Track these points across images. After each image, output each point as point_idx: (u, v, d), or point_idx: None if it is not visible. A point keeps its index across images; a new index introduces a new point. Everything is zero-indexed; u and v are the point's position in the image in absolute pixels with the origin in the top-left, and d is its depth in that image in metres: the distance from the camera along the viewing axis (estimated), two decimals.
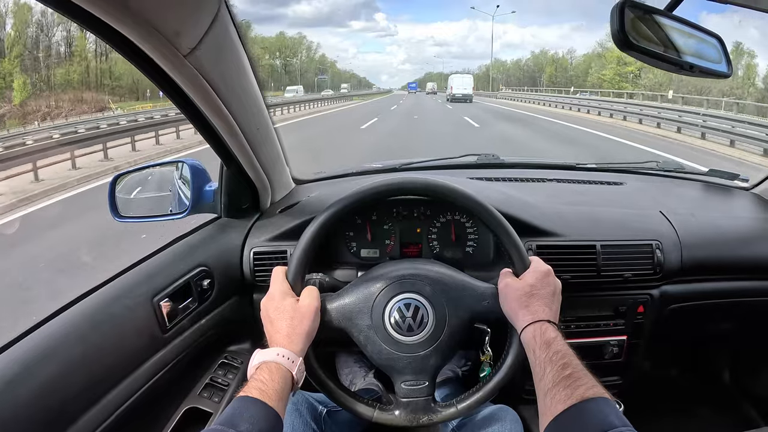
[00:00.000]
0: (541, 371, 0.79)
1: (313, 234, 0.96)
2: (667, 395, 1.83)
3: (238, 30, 0.90)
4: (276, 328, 0.88)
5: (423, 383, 0.96)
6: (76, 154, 9.55)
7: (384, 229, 1.32)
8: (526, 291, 0.90)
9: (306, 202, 1.36)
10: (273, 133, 1.22)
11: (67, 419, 0.83)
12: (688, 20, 0.89)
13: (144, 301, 1.02)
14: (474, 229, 1.31)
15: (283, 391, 0.80)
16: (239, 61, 0.95)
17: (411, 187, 1.01)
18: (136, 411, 0.96)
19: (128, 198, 1.29)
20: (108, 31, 0.71)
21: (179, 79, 0.85)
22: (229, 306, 1.25)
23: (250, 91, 1.03)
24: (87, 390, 0.87)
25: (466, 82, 44.71)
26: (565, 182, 1.62)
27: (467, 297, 0.97)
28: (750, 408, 1.77)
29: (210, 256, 1.20)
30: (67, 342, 0.87)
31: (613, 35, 0.80)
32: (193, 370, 1.21)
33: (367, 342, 0.95)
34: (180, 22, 0.76)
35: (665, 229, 1.33)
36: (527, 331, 0.86)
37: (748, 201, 1.60)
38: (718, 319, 1.59)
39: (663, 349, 1.77)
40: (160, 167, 1.39)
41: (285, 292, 0.92)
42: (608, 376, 1.40)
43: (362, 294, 0.96)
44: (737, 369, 1.86)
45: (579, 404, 0.70)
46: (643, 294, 1.33)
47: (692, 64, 0.88)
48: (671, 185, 1.70)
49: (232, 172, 1.21)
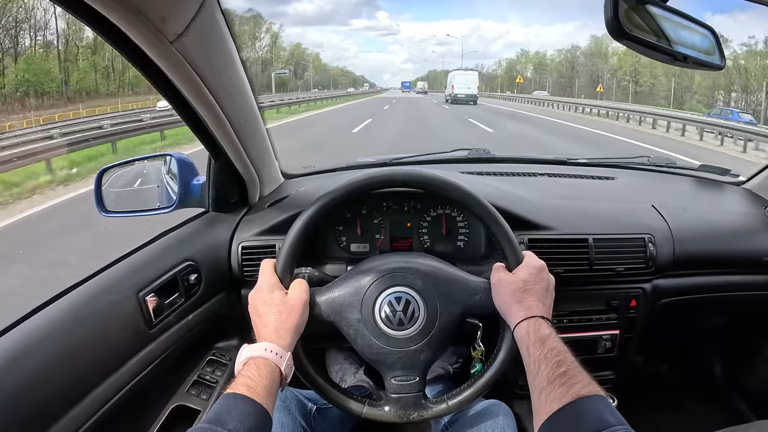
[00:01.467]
0: (536, 368, 0.78)
1: (303, 225, 0.94)
2: (660, 389, 1.84)
3: (226, 18, 0.88)
4: (264, 322, 0.87)
5: (413, 379, 0.95)
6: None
7: (374, 223, 1.31)
8: (520, 286, 0.89)
9: (295, 196, 1.34)
10: (262, 126, 1.20)
11: (51, 415, 0.81)
12: (682, 11, 0.88)
13: (129, 295, 1.00)
14: (465, 222, 1.30)
15: (271, 387, 0.79)
16: (227, 50, 0.93)
17: (403, 179, 1.00)
18: (123, 408, 0.94)
19: (115, 192, 1.26)
20: (94, 16, 0.69)
21: (165, 67, 0.83)
22: (216, 301, 1.23)
23: (238, 82, 1.01)
24: (72, 386, 0.85)
25: (470, 79, 37.72)
26: (557, 177, 1.62)
27: (459, 291, 0.96)
28: (741, 402, 1.78)
29: (197, 250, 1.18)
30: (52, 337, 0.85)
31: (606, 24, 0.80)
32: (181, 366, 1.19)
33: (356, 336, 0.94)
34: (166, 6, 0.74)
35: (657, 223, 1.33)
36: (521, 326, 0.85)
37: (739, 196, 1.60)
38: (710, 312, 1.59)
39: (655, 343, 1.77)
40: (148, 161, 1.37)
41: (273, 284, 0.90)
42: (601, 371, 1.40)
43: (352, 287, 0.95)
44: (729, 363, 1.87)
45: (574, 402, 0.70)
46: (635, 288, 1.33)
47: (685, 55, 0.88)
48: (663, 180, 1.71)
49: (220, 165, 1.19)
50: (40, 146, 9.10)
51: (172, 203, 1.22)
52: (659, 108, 22.99)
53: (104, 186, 1.23)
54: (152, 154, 1.38)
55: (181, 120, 1.02)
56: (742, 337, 1.80)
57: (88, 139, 10.54)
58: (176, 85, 0.88)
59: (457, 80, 37.52)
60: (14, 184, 7.89)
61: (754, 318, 1.65)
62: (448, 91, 39.33)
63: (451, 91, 37.39)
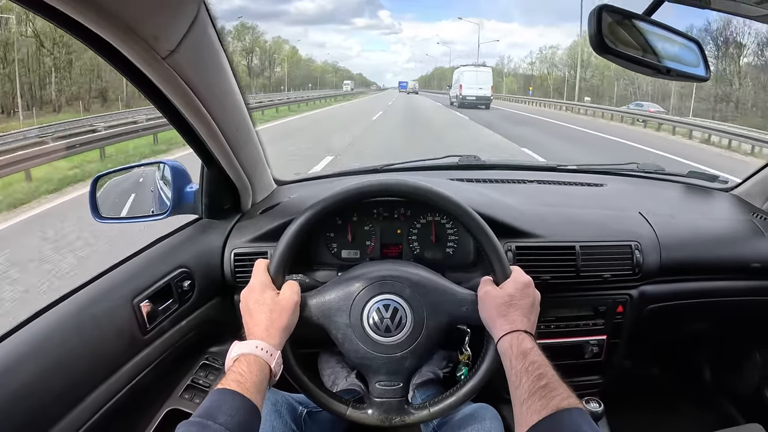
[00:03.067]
0: (517, 381, 0.80)
1: (296, 230, 0.96)
2: (648, 394, 1.86)
3: (218, 32, 0.89)
4: (255, 321, 0.88)
5: (397, 384, 0.97)
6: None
7: (365, 230, 1.32)
8: (506, 300, 0.91)
9: (287, 203, 1.36)
10: (254, 134, 1.21)
11: (47, 421, 0.82)
12: (667, 25, 0.90)
13: (124, 302, 1.02)
14: (454, 230, 1.32)
15: (261, 383, 0.81)
16: (218, 63, 0.95)
17: (396, 189, 1.01)
18: (117, 413, 0.96)
19: (110, 199, 1.28)
20: (85, 33, 0.70)
21: (158, 81, 0.84)
22: (210, 307, 1.24)
23: (229, 93, 1.03)
24: (68, 392, 0.87)
25: (482, 78, 29.68)
26: (545, 183, 1.63)
27: (446, 302, 0.98)
28: (730, 405, 1.80)
29: (191, 257, 1.20)
30: (48, 343, 0.87)
31: (590, 39, 0.81)
32: (175, 371, 1.21)
33: (344, 340, 0.96)
34: (159, 25, 0.75)
35: (644, 230, 1.35)
36: (504, 340, 0.87)
37: (727, 202, 1.62)
38: (697, 318, 1.61)
39: (643, 348, 1.79)
40: (142, 168, 1.38)
41: (266, 284, 0.92)
42: (589, 376, 1.42)
43: (342, 292, 0.97)
44: (717, 367, 1.88)
45: (554, 414, 0.72)
46: (622, 294, 1.34)
47: (669, 68, 0.89)
48: (651, 187, 1.72)
49: (213, 173, 1.20)
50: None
51: (166, 210, 1.24)
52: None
53: (99, 193, 1.25)
54: (146, 162, 1.39)
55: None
56: (730, 341, 1.81)
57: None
58: (168, 98, 0.90)
59: (466, 78, 29.49)
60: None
61: (742, 323, 1.66)
62: (454, 91, 31.52)
63: (459, 92, 29.59)
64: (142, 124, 12.65)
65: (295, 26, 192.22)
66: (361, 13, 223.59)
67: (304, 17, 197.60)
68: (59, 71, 35.45)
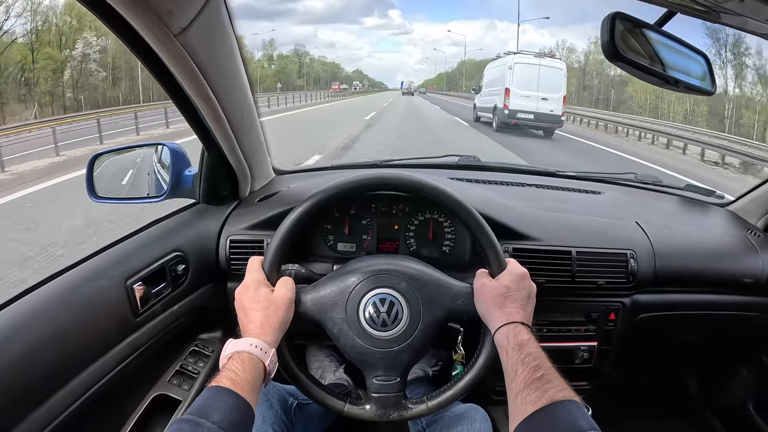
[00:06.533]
0: (513, 372, 0.80)
1: (292, 223, 0.95)
2: (635, 402, 1.87)
3: (230, 14, 0.89)
4: (249, 318, 0.87)
5: (394, 379, 0.96)
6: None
7: (362, 223, 1.32)
8: (502, 292, 0.91)
9: (285, 193, 1.35)
10: (257, 122, 1.21)
11: (33, 400, 0.81)
12: (677, 36, 0.90)
13: (117, 283, 1.01)
14: (452, 228, 1.32)
15: (255, 381, 0.80)
16: (229, 46, 0.94)
17: (395, 183, 1.01)
18: (105, 395, 0.95)
19: (106, 178, 1.26)
20: (100, 5, 0.70)
21: (167, 59, 0.84)
22: (202, 293, 1.23)
23: (237, 77, 1.02)
24: (55, 371, 0.86)
25: (551, 79, 13.90)
26: (544, 188, 1.63)
27: (443, 295, 0.98)
28: (714, 417, 1.81)
29: (186, 241, 1.19)
30: (38, 321, 0.86)
31: (602, 45, 0.82)
32: (164, 356, 1.20)
33: (340, 335, 0.95)
34: (173, 0, 0.74)
35: (640, 239, 1.35)
36: (501, 332, 0.87)
37: (722, 217, 1.63)
38: (686, 330, 1.62)
39: (632, 357, 1.80)
40: (140, 149, 1.37)
41: (260, 281, 0.91)
42: (578, 381, 1.42)
43: (338, 287, 0.96)
44: (704, 379, 1.90)
45: (549, 406, 0.72)
46: (615, 302, 1.35)
47: (677, 80, 0.90)
48: (648, 198, 1.73)
49: (213, 158, 1.19)
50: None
51: (163, 192, 1.23)
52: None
53: (96, 172, 1.23)
54: (145, 143, 1.38)
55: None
56: (718, 355, 1.83)
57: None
58: (176, 77, 0.89)
59: (518, 77, 13.99)
60: None
61: (730, 337, 1.68)
62: (487, 99, 16.33)
63: (503, 101, 14.16)
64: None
65: (304, 25, 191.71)
66: (371, 13, 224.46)
67: (313, 16, 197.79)
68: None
